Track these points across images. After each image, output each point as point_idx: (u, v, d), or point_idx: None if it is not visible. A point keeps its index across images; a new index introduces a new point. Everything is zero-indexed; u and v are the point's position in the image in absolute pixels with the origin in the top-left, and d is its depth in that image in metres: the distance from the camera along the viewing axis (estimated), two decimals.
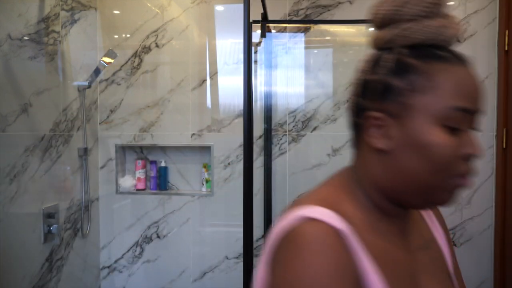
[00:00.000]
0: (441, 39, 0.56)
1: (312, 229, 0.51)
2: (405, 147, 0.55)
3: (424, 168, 0.54)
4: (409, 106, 0.55)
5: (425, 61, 0.55)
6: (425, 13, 0.56)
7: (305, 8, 2.25)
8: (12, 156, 1.67)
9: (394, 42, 0.57)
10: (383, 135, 0.57)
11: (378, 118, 0.57)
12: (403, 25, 0.56)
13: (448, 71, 0.55)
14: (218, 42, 2.30)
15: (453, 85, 0.54)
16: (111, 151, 2.36)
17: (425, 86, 0.54)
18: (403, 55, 0.56)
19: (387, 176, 0.57)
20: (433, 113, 0.54)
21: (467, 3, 2.17)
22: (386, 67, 0.57)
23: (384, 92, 0.56)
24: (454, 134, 0.54)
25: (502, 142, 2.12)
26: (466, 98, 0.54)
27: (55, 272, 1.95)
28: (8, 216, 1.63)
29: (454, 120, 0.54)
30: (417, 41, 0.56)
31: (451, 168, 0.54)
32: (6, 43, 1.64)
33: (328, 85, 2.27)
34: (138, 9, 2.31)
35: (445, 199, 0.56)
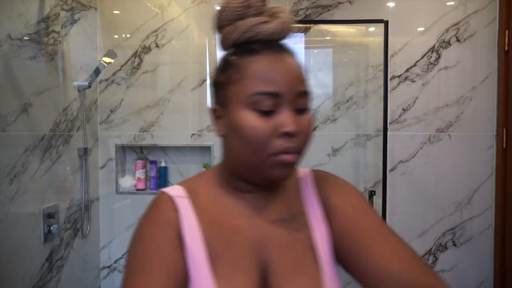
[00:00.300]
0: (259, 34, 0.64)
1: (157, 198, 0.68)
2: (230, 131, 0.64)
3: (244, 149, 0.62)
4: (227, 96, 0.64)
5: (240, 56, 0.64)
6: (238, 16, 0.65)
7: (305, 8, 2.25)
8: (12, 156, 1.67)
9: (223, 44, 0.69)
10: (221, 124, 0.67)
11: (215, 110, 0.67)
12: (224, 30, 0.67)
13: (255, 61, 0.63)
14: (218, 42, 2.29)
15: (256, 73, 0.62)
16: (111, 151, 2.36)
17: (236, 77, 0.63)
18: (228, 54, 0.67)
19: (227, 159, 0.68)
20: (242, 100, 0.62)
21: (467, 3, 2.17)
22: (220, 66, 0.68)
23: (216, 87, 0.68)
24: (268, 116, 0.61)
25: (502, 142, 2.12)
26: (267, 83, 0.61)
27: (55, 272, 1.95)
28: (8, 216, 1.63)
29: (260, 104, 0.61)
30: (234, 40, 0.66)
31: (266, 146, 0.61)
32: (6, 43, 1.64)
33: (328, 85, 2.27)
34: (138, 9, 2.31)
35: (274, 174, 0.63)
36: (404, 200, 2.24)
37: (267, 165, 0.62)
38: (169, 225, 0.65)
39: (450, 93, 2.20)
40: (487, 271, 2.22)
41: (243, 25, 0.65)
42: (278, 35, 0.66)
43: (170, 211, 0.66)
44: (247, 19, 0.65)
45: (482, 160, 2.19)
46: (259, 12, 0.66)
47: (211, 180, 0.71)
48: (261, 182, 0.66)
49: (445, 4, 2.19)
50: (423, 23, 2.21)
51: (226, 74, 0.65)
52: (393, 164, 2.23)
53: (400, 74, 2.22)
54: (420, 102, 2.21)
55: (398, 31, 2.19)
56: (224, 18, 0.67)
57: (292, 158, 0.62)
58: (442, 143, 2.21)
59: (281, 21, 0.65)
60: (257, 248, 0.65)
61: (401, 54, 2.21)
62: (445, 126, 2.21)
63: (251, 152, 0.62)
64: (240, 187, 0.69)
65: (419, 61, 2.21)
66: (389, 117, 2.21)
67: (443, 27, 2.19)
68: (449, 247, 2.23)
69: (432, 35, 2.20)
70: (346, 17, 2.21)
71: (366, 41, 2.30)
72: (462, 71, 2.19)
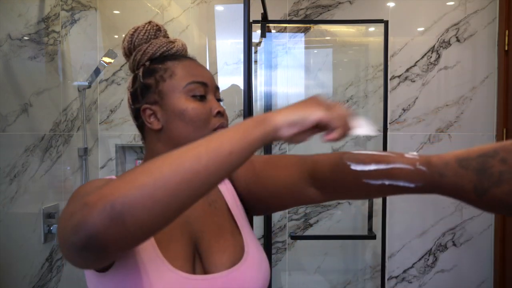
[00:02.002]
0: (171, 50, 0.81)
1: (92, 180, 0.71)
2: (171, 120, 0.75)
3: (189, 129, 0.75)
4: (161, 91, 0.77)
5: (163, 62, 0.79)
6: (153, 36, 0.82)
7: (305, 8, 2.25)
8: (12, 156, 1.67)
9: (140, 61, 0.81)
10: (155, 119, 0.77)
11: (147, 108, 0.77)
12: (140, 48, 0.80)
13: (179, 63, 0.79)
14: (218, 42, 2.30)
15: (184, 70, 0.78)
16: (111, 151, 2.36)
17: (167, 75, 0.77)
18: (147, 65, 0.80)
19: (166, 147, 0.76)
20: (179, 90, 0.76)
21: (467, 3, 2.17)
22: (140, 75, 0.80)
23: (143, 90, 0.78)
24: (202, 101, 0.77)
25: None
26: (196, 76, 0.77)
27: (55, 272, 1.95)
28: (8, 216, 1.63)
29: (195, 90, 0.76)
30: (151, 54, 0.80)
31: (208, 123, 0.76)
32: (6, 43, 1.64)
33: (328, 85, 2.27)
34: (138, 9, 2.31)
35: None
36: (404, 200, 2.24)
37: None
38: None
39: (450, 93, 2.20)
40: (487, 271, 2.22)
41: (158, 42, 0.80)
42: (183, 52, 0.83)
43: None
44: (159, 38, 0.82)
45: None
46: (165, 35, 0.83)
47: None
48: None
49: (445, 4, 2.19)
50: (423, 23, 2.21)
51: (154, 76, 0.78)
52: None
53: (400, 74, 2.22)
54: (420, 102, 2.21)
55: (398, 31, 2.19)
56: (140, 38, 0.81)
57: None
58: (442, 143, 2.21)
59: (181, 43, 0.84)
60: (187, 222, 0.75)
61: (401, 54, 2.21)
62: (445, 126, 2.21)
63: (196, 129, 0.75)
64: None
65: (419, 61, 2.21)
66: (389, 117, 2.21)
67: (443, 27, 2.19)
68: (449, 247, 2.24)
69: (432, 35, 2.20)
70: (346, 17, 2.21)
71: (366, 41, 2.30)
72: (462, 71, 2.19)
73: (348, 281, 2.30)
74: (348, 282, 2.30)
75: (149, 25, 0.81)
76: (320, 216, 2.29)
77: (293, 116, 0.56)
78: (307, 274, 2.32)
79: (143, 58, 0.80)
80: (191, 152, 0.52)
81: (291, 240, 2.25)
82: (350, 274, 2.31)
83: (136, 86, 0.80)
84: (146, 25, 0.81)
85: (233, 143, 0.53)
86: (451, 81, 2.20)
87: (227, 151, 0.52)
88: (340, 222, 2.28)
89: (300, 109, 0.56)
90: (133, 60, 0.82)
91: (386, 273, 2.21)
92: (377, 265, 2.25)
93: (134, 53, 0.81)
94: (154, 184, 0.49)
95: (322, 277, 2.31)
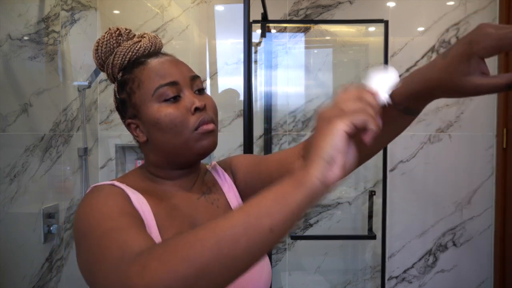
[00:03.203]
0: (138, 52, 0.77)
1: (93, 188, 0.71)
2: (151, 131, 0.74)
3: (169, 135, 0.72)
4: (135, 104, 0.75)
5: (130, 71, 0.76)
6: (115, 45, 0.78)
7: (305, 8, 2.25)
8: (12, 156, 1.66)
9: (113, 74, 0.79)
10: (140, 132, 0.76)
11: (131, 123, 0.77)
12: (108, 61, 0.78)
13: (144, 68, 0.75)
14: (218, 42, 2.30)
15: (149, 74, 0.74)
16: (111, 151, 2.35)
17: (135, 86, 0.75)
18: (120, 77, 0.78)
19: (157, 156, 0.77)
20: (149, 98, 0.73)
21: (467, 3, 2.17)
22: (115, 92, 0.79)
23: (122, 105, 0.78)
24: (176, 102, 0.73)
25: (502, 142, 2.12)
26: (163, 77, 0.73)
27: (55, 272, 1.95)
28: (8, 216, 1.63)
29: (165, 94, 0.73)
30: (120, 64, 0.77)
31: (186, 124, 0.72)
32: (6, 43, 1.63)
33: (328, 85, 2.27)
34: (138, 9, 2.31)
35: (203, 144, 0.74)
36: (404, 200, 2.24)
37: (193, 140, 0.73)
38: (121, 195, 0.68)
39: None
40: (487, 271, 2.22)
41: (121, 50, 0.77)
42: (153, 48, 0.79)
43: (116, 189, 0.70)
44: (122, 44, 0.78)
45: (482, 160, 2.19)
46: (128, 37, 0.79)
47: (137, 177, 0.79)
48: (194, 158, 0.77)
49: (445, 4, 2.19)
50: (423, 23, 2.21)
51: (125, 90, 0.76)
52: (393, 164, 2.23)
53: (400, 74, 2.21)
54: None
55: (398, 31, 2.19)
56: (104, 51, 0.78)
57: (210, 126, 0.74)
58: (442, 143, 2.21)
59: (148, 38, 0.80)
60: (192, 221, 0.75)
61: (401, 54, 2.21)
62: (445, 126, 2.21)
63: (175, 135, 0.72)
64: (167, 175, 0.78)
65: (419, 61, 2.21)
66: None
67: (443, 27, 2.19)
68: (449, 247, 2.23)
69: (432, 35, 2.20)
70: (346, 17, 2.21)
71: (366, 41, 2.30)
72: None
73: (348, 281, 2.30)
74: (348, 282, 2.30)
75: (107, 35, 0.78)
76: (320, 216, 2.29)
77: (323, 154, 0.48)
78: (307, 274, 2.32)
79: (114, 71, 0.79)
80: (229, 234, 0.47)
81: (291, 240, 2.25)
82: (350, 274, 2.31)
83: (116, 102, 0.80)
84: (106, 35, 0.78)
85: (273, 217, 0.47)
86: None
87: (267, 228, 0.46)
88: (340, 222, 2.28)
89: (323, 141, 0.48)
90: (108, 75, 0.81)
91: (386, 273, 2.21)
92: (377, 265, 2.25)
93: (105, 67, 0.80)
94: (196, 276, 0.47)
95: (322, 277, 2.31)
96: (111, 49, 0.78)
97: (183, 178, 0.80)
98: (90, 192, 0.70)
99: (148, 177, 0.79)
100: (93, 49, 0.79)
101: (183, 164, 0.78)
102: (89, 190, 0.71)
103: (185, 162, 0.78)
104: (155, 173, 0.79)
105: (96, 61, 0.81)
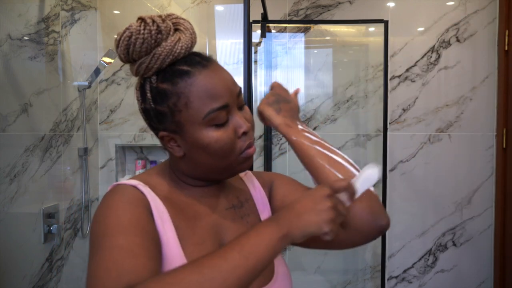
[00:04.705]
0: (179, 55, 0.68)
1: (116, 187, 0.68)
2: (193, 150, 0.70)
3: (215, 159, 0.69)
4: (178, 122, 0.68)
5: (173, 82, 0.67)
6: (154, 44, 0.67)
7: (305, 8, 2.25)
8: (12, 156, 1.66)
9: (144, 74, 0.69)
10: (176, 146, 0.71)
11: (163, 137, 0.71)
12: (142, 61, 0.68)
13: (193, 84, 0.66)
14: (218, 42, 2.30)
15: (200, 94, 0.66)
16: (111, 151, 2.35)
17: (181, 104, 0.67)
18: (155, 83, 0.68)
19: (191, 169, 0.73)
20: (198, 121, 0.67)
21: (467, 3, 2.17)
22: (149, 97, 0.69)
23: (158, 116, 0.70)
24: (225, 125, 0.69)
25: (502, 142, 2.12)
26: (214, 99, 0.67)
27: (55, 272, 1.95)
28: (8, 216, 1.63)
29: (217, 119, 0.67)
30: (157, 68, 0.68)
31: (234, 149, 0.69)
32: (6, 43, 1.63)
33: (328, 85, 2.27)
34: (138, 9, 2.31)
35: (243, 167, 0.73)
36: (404, 200, 2.24)
37: (236, 163, 0.71)
38: (141, 203, 0.66)
39: (450, 93, 2.20)
40: (487, 271, 2.22)
41: (162, 52, 0.67)
42: (192, 47, 0.71)
43: (137, 193, 0.68)
44: (162, 44, 0.67)
45: (482, 160, 2.19)
46: (167, 33, 0.68)
47: (161, 175, 0.75)
48: (230, 177, 0.75)
49: (445, 4, 2.19)
50: (423, 23, 2.21)
51: (166, 103, 0.68)
52: (393, 164, 2.23)
53: (400, 74, 2.22)
54: (420, 102, 2.21)
55: (398, 31, 2.19)
56: (138, 51, 0.67)
57: (254, 150, 0.72)
58: (442, 143, 2.21)
59: (188, 32, 0.70)
60: (217, 232, 0.73)
61: (401, 54, 2.21)
62: (445, 126, 2.21)
63: (222, 159, 0.69)
64: (194, 183, 0.75)
65: (419, 61, 2.21)
66: (389, 117, 2.21)
67: (443, 27, 2.19)
68: (449, 247, 2.24)
69: (432, 35, 2.20)
70: (346, 17, 2.21)
71: (366, 41, 2.30)
72: (462, 71, 2.19)
73: (348, 281, 2.30)
74: (348, 282, 2.30)
75: (146, 32, 0.66)
76: None
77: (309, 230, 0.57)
78: (307, 274, 2.32)
79: (147, 73, 0.69)
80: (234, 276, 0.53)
81: None
82: (350, 274, 2.31)
83: (148, 107, 0.70)
84: (143, 31, 0.66)
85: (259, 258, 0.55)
86: (451, 81, 2.20)
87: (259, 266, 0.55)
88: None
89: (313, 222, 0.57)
90: (136, 71, 0.70)
91: (386, 273, 2.21)
92: (377, 265, 2.25)
93: (136, 65, 0.69)
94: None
95: (322, 277, 2.31)
96: (148, 50, 0.67)
97: (206, 186, 0.77)
98: (111, 192, 0.68)
99: (174, 180, 0.75)
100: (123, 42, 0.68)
101: (217, 179, 0.76)
102: (111, 188, 0.69)
103: (219, 179, 0.76)
104: (183, 179, 0.75)
105: (123, 57, 0.70)
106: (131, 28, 0.68)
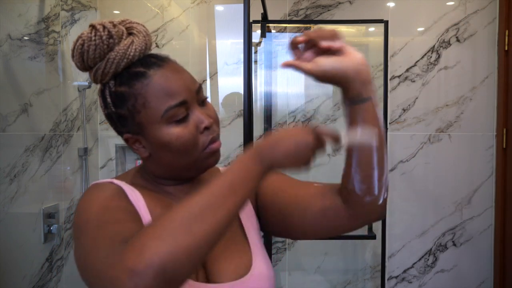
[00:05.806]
0: (133, 57, 0.69)
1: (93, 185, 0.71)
2: (157, 150, 0.71)
3: (179, 156, 0.70)
4: (140, 123, 0.69)
5: (130, 85, 0.68)
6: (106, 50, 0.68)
7: (305, 8, 2.25)
8: (12, 156, 1.67)
9: (102, 80, 0.70)
10: (141, 147, 0.72)
11: (128, 139, 0.72)
12: (98, 67, 0.69)
13: (149, 84, 0.67)
14: (218, 42, 2.30)
15: (155, 93, 0.67)
16: (111, 151, 2.35)
17: (139, 105, 0.68)
18: (113, 88, 0.70)
19: (158, 169, 0.74)
20: (157, 120, 0.68)
21: (467, 3, 2.17)
22: (110, 102, 0.70)
23: (120, 120, 0.71)
24: (185, 120, 0.69)
25: (502, 142, 2.13)
26: (171, 96, 0.67)
27: (55, 272, 1.95)
28: (8, 216, 1.63)
29: (174, 116, 0.68)
30: (113, 73, 0.69)
31: (197, 145, 0.70)
32: (6, 43, 1.64)
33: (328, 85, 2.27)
34: (138, 9, 2.31)
35: (210, 162, 0.73)
36: (404, 200, 2.24)
37: (201, 158, 0.71)
38: (119, 193, 0.69)
39: (450, 93, 2.21)
40: (487, 271, 2.22)
41: (116, 56, 0.68)
42: (147, 49, 0.72)
43: (114, 186, 0.70)
44: (115, 49, 0.68)
45: (482, 160, 2.19)
46: (118, 36, 0.68)
47: (138, 175, 0.77)
48: (197, 174, 0.76)
49: (445, 4, 2.19)
50: (423, 23, 2.21)
51: (126, 106, 0.69)
52: (393, 164, 2.23)
53: (400, 74, 2.22)
54: (420, 102, 2.21)
55: (398, 31, 2.19)
56: (92, 57, 0.68)
57: (218, 144, 0.73)
58: (442, 143, 2.21)
59: (141, 35, 0.71)
60: None
61: (401, 54, 2.21)
62: (445, 126, 2.21)
63: (185, 156, 0.70)
64: (167, 182, 0.76)
65: (419, 61, 2.21)
66: (389, 117, 2.21)
67: (443, 27, 2.19)
68: (449, 247, 2.24)
69: (432, 35, 2.20)
70: (346, 17, 2.21)
71: (366, 41, 2.30)
72: (462, 71, 2.19)
73: (348, 281, 2.30)
74: (348, 282, 2.30)
75: (97, 38, 0.67)
76: None
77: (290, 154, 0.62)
78: (307, 274, 2.32)
79: (105, 78, 0.70)
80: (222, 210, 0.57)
81: (291, 240, 2.25)
82: (350, 274, 2.31)
83: (110, 112, 0.72)
84: (94, 37, 0.67)
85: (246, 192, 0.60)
86: (451, 81, 2.20)
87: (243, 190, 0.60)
88: None
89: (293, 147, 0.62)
90: (94, 78, 0.71)
91: (386, 273, 2.21)
92: (377, 265, 2.25)
93: (93, 72, 0.70)
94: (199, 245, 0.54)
95: (322, 277, 2.31)
96: (101, 55, 0.68)
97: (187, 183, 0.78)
98: (89, 189, 0.70)
99: (148, 180, 0.77)
100: (76, 51, 0.69)
101: (186, 177, 0.77)
102: (89, 187, 0.72)
103: (188, 176, 0.77)
104: (155, 180, 0.77)
105: (79, 65, 0.71)
106: (83, 36, 0.68)
